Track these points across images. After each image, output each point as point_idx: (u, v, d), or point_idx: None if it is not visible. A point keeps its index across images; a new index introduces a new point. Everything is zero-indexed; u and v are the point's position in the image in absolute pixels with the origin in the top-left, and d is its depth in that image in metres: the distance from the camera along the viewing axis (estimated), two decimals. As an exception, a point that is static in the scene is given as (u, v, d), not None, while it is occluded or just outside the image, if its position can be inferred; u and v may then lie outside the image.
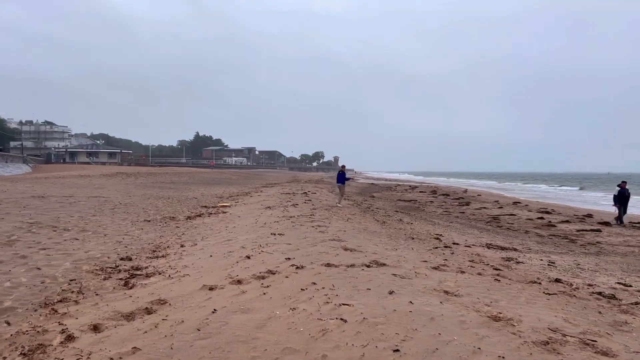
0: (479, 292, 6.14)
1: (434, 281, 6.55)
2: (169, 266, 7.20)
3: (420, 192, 44.88)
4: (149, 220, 13.03)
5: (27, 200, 15.85)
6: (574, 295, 6.55)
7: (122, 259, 7.72)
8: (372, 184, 64.05)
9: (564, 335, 4.51)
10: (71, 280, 6.14)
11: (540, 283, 7.26)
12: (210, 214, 15.33)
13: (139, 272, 6.65)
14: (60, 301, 5.17)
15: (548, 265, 9.30)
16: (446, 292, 5.89)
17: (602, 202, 36.02)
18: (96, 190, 24.14)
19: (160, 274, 6.66)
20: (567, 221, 19.59)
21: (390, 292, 5.56)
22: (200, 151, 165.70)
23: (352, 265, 7.18)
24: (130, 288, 5.92)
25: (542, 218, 20.64)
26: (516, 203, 31.36)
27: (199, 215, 14.82)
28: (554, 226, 17.88)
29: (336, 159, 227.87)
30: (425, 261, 8.29)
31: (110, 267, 7.00)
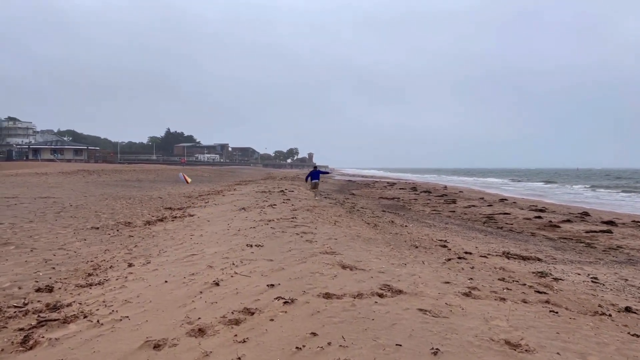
0: (549, 339, 4.27)
1: (478, 320, 4.66)
2: (103, 301, 5.09)
3: (400, 189, 43.31)
4: (98, 227, 10.78)
5: (-45, 203, 13.40)
6: (672, 337, 4.74)
7: (39, 289, 5.54)
8: (349, 180, 62.41)
9: None
10: (-64, 337, 4.00)
11: (609, 315, 5.46)
12: (175, 217, 13.14)
13: (54, 316, 4.53)
14: None
15: (592, 282, 7.55)
16: (509, 344, 4.00)
17: (590, 200, 35.12)
18: (49, 189, 21.56)
19: (86, 316, 4.55)
20: (568, 220, 18.10)
21: (434, 352, 3.63)
22: (172, 148, 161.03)
23: (360, 295, 5.23)
24: (30, 348, 3.82)
25: (539, 217, 19.14)
26: (503, 200, 30.01)
27: (161, 220, 12.61)
28: (558, 227, 16.33)
29: (310, 155, 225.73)
30: (448, 282, 6.39)
31: (15, 306, 4.86)
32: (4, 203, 14.36)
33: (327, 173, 32.43)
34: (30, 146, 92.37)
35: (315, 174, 21.33)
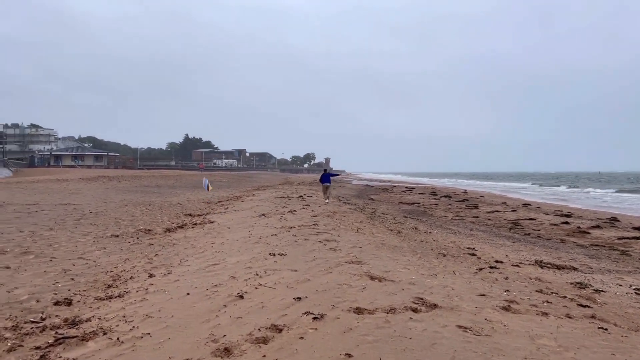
0: (605, 362, 3.91)
1: (523, 338, 4.30)
2: (123, 316, 4.86)
3: (419, 193, 42.75)
4: (118, 235, 10.64)
5: (-23, 210, 13.41)
6: None
7: (57, 302, 5.35)
8: (367, 185, 61.89)
9: None
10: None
11: (665, 332, 5.04)
12: (195, 224, 12.96)
13: (72, 332, 4.30)
14: None
15: (636, 293, 7.11)
16: (564, 368, 3.65)
17: (616, 205, 34.17)
18: (69, 196, 21.66)
19: (105, 333, 4.32)
20: (597, 226, 17.48)
21: (484, 378, 3.30)
22: (190, 153, 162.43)
23: (393, 310, 4.91)
24: (46, 370, 3.59)
25: (567, 223, 18.51)
26: (526, 205, 29.28)
27: (181, 227, 12.44)
28: (588, 233, 15.76)
29: (327, 160, 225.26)
30: (484, 295, 6.03)
31: (32, 322, 4.66)
32: (25, 210, 14.37)
33: (337, 175, 32.58)
34: (52, 153, 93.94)
35: (326, 177, 21.59)
